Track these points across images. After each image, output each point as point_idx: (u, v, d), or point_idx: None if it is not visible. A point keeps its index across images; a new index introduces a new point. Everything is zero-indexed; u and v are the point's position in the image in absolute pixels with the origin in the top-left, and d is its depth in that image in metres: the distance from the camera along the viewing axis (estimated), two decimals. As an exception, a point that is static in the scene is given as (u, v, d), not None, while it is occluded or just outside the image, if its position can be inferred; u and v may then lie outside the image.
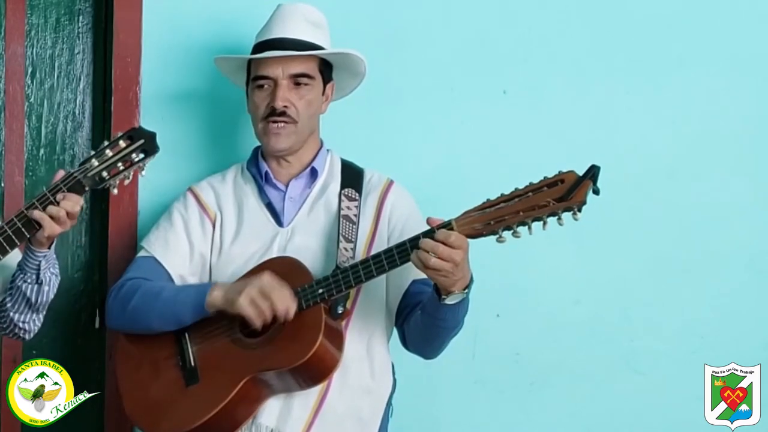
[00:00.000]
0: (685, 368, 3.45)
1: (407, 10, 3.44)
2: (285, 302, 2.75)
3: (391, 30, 3.41)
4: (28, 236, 2.62)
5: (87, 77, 3.34)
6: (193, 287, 2.91)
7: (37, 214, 2.59)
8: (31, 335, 2.83)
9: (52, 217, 2.59)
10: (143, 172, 2.64)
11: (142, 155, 2.62)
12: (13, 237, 2.60)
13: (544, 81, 3.49)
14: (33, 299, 2.71)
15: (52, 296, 2.76)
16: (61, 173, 2.62)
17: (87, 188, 2.61)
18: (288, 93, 2.94)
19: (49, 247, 2.68)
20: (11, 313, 2.76)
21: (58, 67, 3.31)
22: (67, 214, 2.60)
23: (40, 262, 2.67)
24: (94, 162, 2.60)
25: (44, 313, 2.81)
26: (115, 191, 2.65)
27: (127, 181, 2.64)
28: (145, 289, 2.90)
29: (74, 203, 2.60)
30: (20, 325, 2.78)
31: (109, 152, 2.61)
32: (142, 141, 2.62)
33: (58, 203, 2.59)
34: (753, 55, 3.59)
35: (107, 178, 2.61)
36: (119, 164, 2.61)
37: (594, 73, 3.51)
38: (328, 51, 2.99)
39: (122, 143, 2.61)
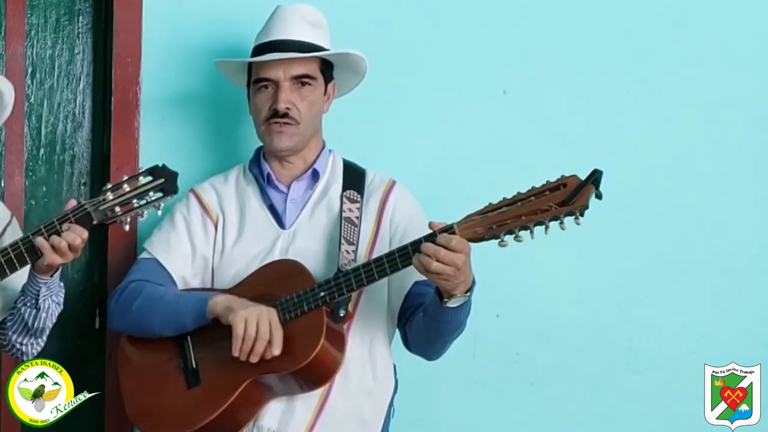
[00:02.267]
0: (685, 368, 3.46)
1: (407, 10, 3.43)
2: (276, 334, 2.72)
3: (391, 30, 3.40)
4: (30, 262, 2.59)
5: (87, 77, 3.33)
6: (195, 294, 2.90)
7: (39, 241, 2.55)
8: (29, 357, 2.80)
9: (53, 247, 2.55)
10: (159, 212, 2.58)
11: (160, 194, 2.55)
12: (15, 261, 2.58)
13: (544, 81, 3.49)
14: (30, 323, 2.71)
15: (50, 324, 2.75)
16: (72, 202, 2.58)
17: (95, 221, 2.55)
18: (290, 95, 2.93)
19: (52, 276, 2.65)
20: (10, 333, 2.76)
21: (58, 67, 3.30)
22: (69, 246, 2.55)
23: (40, 288, 2.66)
24: (109, 195, 2.54)
25: (43, 338, 2.79)
26: (127, 227, 2.59)
27: (140, 219, 2.59)
28: (147, 292, 2.89)
29: (76, 236, 2.55)
30: (17, 346, 2.78)
31: (126, 187, 2.54)
32: (162, 180, 2.54)
33: (62, 233, 2.55)
34: (753, 55, 3.59)
35: (119, 213, 2.55)
36: (134, 201, 2.54)
37: (594, 73, 3.51)
38: (329, 52, 2.98)
39: (142, 179, 2.54)
